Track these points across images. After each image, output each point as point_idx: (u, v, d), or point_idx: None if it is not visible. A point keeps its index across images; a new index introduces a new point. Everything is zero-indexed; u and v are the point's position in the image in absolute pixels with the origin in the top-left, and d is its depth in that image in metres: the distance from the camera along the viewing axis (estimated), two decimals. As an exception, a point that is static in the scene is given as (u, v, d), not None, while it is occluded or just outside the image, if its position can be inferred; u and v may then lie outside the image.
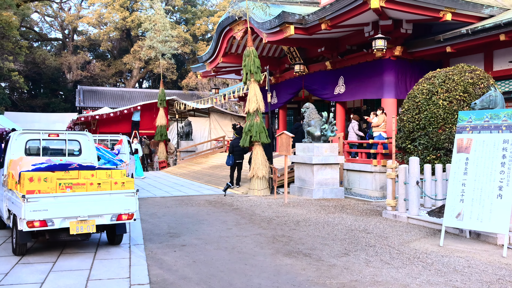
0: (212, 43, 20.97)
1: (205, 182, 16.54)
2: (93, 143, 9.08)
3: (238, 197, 12.85)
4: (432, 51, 15.03)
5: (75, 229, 6.43)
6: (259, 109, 13.10)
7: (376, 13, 13.55)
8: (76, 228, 6.44)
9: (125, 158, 14.48)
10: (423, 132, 11.18)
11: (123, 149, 14.67)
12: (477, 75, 11.10)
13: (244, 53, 13.42)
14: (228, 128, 25.85)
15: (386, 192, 13.35)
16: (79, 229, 6.45)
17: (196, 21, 50.21)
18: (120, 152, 14.46)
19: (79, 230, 6.45)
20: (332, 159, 12.70)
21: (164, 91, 23.05)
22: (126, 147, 14.77)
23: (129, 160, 14.59)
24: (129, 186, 6.91)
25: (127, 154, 14.65)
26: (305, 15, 15.12)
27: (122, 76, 52.35)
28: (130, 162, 14.91)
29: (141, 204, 11.64)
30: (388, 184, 9.67)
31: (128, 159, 14.59)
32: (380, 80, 15.58)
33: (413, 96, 11.60)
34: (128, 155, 14.82)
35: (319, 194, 12.52)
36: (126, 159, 14.45)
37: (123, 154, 14.56)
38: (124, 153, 14.60)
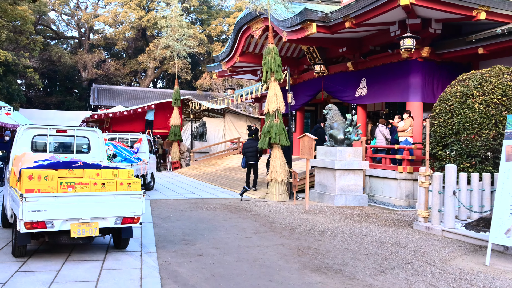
0: (229, 42, 20.37)
1: (220, 185, 15.90)
2: (102, 140, 8.69)
3: (255, 201, 12.18)
4: (462, 53, 14.24)
5: (76, 232, 5.98)
6: (279, 110, 12.43)
7: (405, 11, 12.82)
8: (77, 230, 5.98)
9: (144, 156, 14.22)
10: (456, 138, 10.41)
11: (142, 148, 14.41)
12: (517, 77, 10.31)
13: (264, 50, 12.77)
14: (243, 130, 25.21)
15: (411, 201, 12.61)
16: (80, 232, 6.00)
17: (212, 21, 49.75)
18: (139, 151, 14.26)
19: (80, 233, 6.00)
20: (356, 164, 11.98)
21: (179, 90, 22.47)
22: (145, 145, 14.56)
23: (148, 159, 14.37)
24: (136, 187, 6.45)
25: (146, 153, 14.38)
26: (328, 12, 14.43)
27: (136, 75, 52.08)
28: (150, 160, 14.67)
29: (154, 206, 11.04)
30: (420, 193, 8.94)
31: (147, 158, 14.34)
32: (405, 82, 14.82)
33: (446, 99, 10.84)
34: (148, 154, 14.57)
35: (341, 201, 11.80)
36: (145, 157, 14.20)
37: (143, 152, 14.32)
38: (143, 152, 14.34)
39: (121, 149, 13.30)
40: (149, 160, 14.59)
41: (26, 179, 5.97)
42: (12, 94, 33.08)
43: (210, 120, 24.58)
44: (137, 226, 8.21)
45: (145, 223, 8.79)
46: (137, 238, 7.45)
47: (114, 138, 14.85)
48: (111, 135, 15.23)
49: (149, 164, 14.54)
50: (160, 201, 12.10)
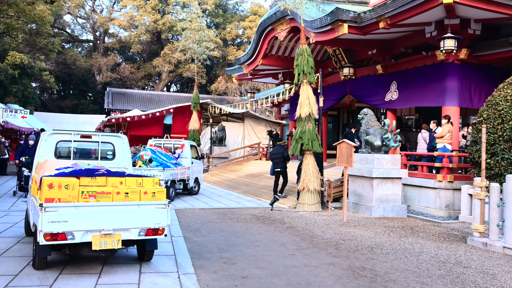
0: (251, 44, 19.73)
1: (244, 193, 15.22)
2: (127, 146, 8.33)
3: (287, 212, 11.47)
4: (501, 55, 13.47)
5: (98, 244, 5.60)
6: (311, 114, 11.73)
7: (446, 10, 12.08)
8: (99, 243, 5.61)
9: (186, 162, 14.35)
10: (507, 145, 9.64)
11: (184, 153, 14.58)
12: None
13: (296, 51, 12.11)
14: (262, 134, 24.53)
15: (452, 212, 11.84)
16: (102, 244, 5.62)
17: (227, 25, 49.30)
18: (180, 156, 14.41)
19: (102, 245, 5.62)
20: (394, 173, 11.24)
21: (198, 94, 21.87)
22: (188, 151, 14.71)
23: (190, 164, 14.53)
24: (161, 196, 6.10)
25: (189, 158, 14.49)
26: (360, 12, 13.73)
27: (151, 79, 51.71)
28: (193, 166, 14.85)
29: (180, 217, 10.39)
30: (476, 206, 8.17)
31: (189, 163, 14.48)
32: (441, 86, 14.05)
33: (494, 104, 10.08)
34: (190, 159, 14.67)
35: (379, 212, 11.06)
36: (187, 163, 14.33)
37: (185, 158, 14.48)
38: (185, 157, 14.51)
39: (159, 154, 13.30)
40: (192, 166, 14.71)
41: (46, 188, 5.59)
42: (27, 97, 32.80)
43: (229, 125, 23.95)
44: (167, 241, 7.63)
45: (175, 236, 8.14)
46: (170, 256, 6.79)
47: (160, 145, 15.22)
48: (157, 141, 15.64)
49: (193, 169, 14.70)
50: (185, 210, 11.45)
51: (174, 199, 13.47)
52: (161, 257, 6.63)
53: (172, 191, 13.13)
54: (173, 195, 13.30)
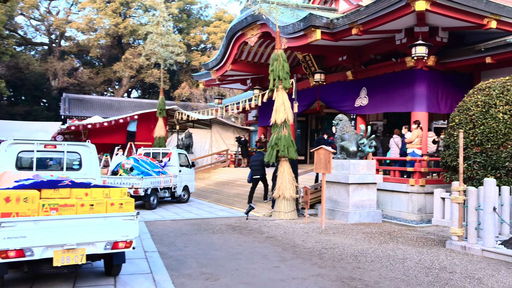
0: (220, 49, 19.53)
1: (215, 201, 14.96)
2: (95, 155, 8.15)
3: (263, 220, 11.31)
4: (466, 62, 13.84)
5: (60, 260, 5.33)
6: (287, 120, 11.64)
7: (417, 18, 12.30)
8: (61, 258, 5.34)
9: (174, 170, 14.57)
10: (479, 150, 9.85)
11: (171, 162, 14.78)
12: (540, 86, 9.84)
13: (271, 56, 12.00)
14: (230, 141, 24.31)
15: (424, 215, 12.01)
16: (64, 260, 5.36)
17: (191, 30, 48.85)
18: (167, 165, 14.58)
19: (64, 261, 5.35)
20: (369, 178, 11.29)
21: (164, 100, 21.43)
22: (175, 159, 14.89)
23: (178, 173, 14.74)
24: (128, 207, 5.87)
25: (176, 167, 14.69)
26: (333, 18, 13.80)
27: (111, 84, 50.50)
28: (181, 174, 15.01)
29: (151, 229, 10.02)
30: (454, 210, 8.27)
31: (176, 171, 14.70)
32: (410, 92, 14.29)
33: (466, 109, 10.31)
34: (177, 167, 14.85)
35: (355, 218, 11.07)
36: (173, 171, 14.54)
37: (172, 166, 14.67)
38: (172, 165, 14.70)
39: (142, 163, 13.45)
40: (180, 174, 14.90)
41: (3, 202, 5.25)
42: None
43: (196, 132, 23.60)
44: (140, 257, 7.33)
45: (149, 252, 7.80)
46: (146, 274, 6.43)
47: (148, 154, 15.52)
48: (146, 150, 15.97)
49: (181, 177, 14.89)
50: (156, 222, 11.08)
51: (157, 207, 13.65)
52: (137, 276, 6.28)
53: (153, 199, 13.29)
54: (155, 203, 13.43)
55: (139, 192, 12.60)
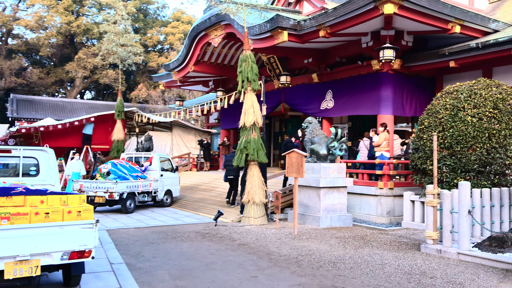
0: (182, 49, 19.05)
1: (179, 207, 14.49)
2: (54, 160, 7.97)
3: (232, 227, 10.96)
4: (429, 66, 14.05)
5: (12, 272, 4.99)
6: (256, 123, 11.37)
7: (385, 21, 12.34)
8: (13, 271, 5.00)
9: (154, 174, 14.79)
10: (448, 152, 9.92)
11: (152, 166, 15.02)
12: (504, 90, 10.05)
13: (240, 57, 11.71)
14: (192, 144, 23.79)
15: (393, 218, 12.05)
16: (17, 272, 5.02)
17: (148, 30, 47.81)
18: (147, 169, 14.86)
19: (17, 273, 5.02)
20: (340, 182, 11.18)
21: (123, 101, 20.69)
22: (156, 164, 15.13)
23: (159, 177, 14.97)
24: (87, 215, 5.57)
25: (157, 171, 14.92)
26: (300, 20, 13.66)
27: (63, 85, 48.64)
28: (163, 178, 15.21)
29: (115, 238, 9.48)
30: (429, 213, 8.24)
31: (158, 176, 14.92)
32: (376, 95, 14.36)
33: (435, 112, 10.37)
34: (159, 172, 15.07)
35: (326, 222, 10.92)
36: (154, 175, 14.77)
37: (153, 170, 14.91)
38: (154, 170, 14.94)
39: (120, 167, 13.62)
40: (162, 178, 15.09)
41: None
42: None
43: (156, 134, 22.91)
44: (107, 270, 6.89)
45: (116, 264, 7.32)
46: (117, 290, 6.00)
47: (131, 158, 15.80)
48: (128, 154, 16.39)
49: (162, 181, 15.06)
50: (119, 231, 10.52)
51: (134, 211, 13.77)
52: (106, 293, 5.84)
53: (130, 203, 13.48)
54: (132, 207, 13.58)
55: (114, 196, 12.80)
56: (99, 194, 12.97)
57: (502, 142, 9.53)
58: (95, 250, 5.54)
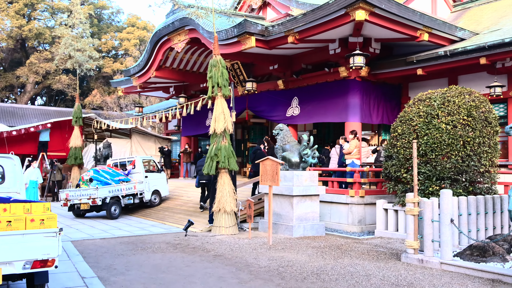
0: (143, 54, 18.42)
1: (143, 216, 13.86)
2: (20, 168, 7.87)
3: (203, 237, 10.49)
4: (397, 74, 14.12)
5: None
6: (227, 130, 10.97)
7: (354, 28, 12.28)
8: None
9: (138, 177, 15.02)
10: (423, 160, 9.88)
11: (136, 169, 15.28)
12: (477, 97, 10.10)
13: (210, 62, 11.28)
14: (151, 151, 23.05)
15: (364, 227, 11.91)
16: None
17: (102, 36, 46.44)
18: (131, 172, 15.07)
19: None
20: (312, 190, 10.94)
21: (81, 107, 19.78)
22: (139, 166, 15.40)
23: (144, 178, 15.22)
24: (51, 223, 5.42)
25: (141, 173, 15.16)
26: (268, 26, 13.43)
27: (13, 90, 46.45)
28: (148, 179, 15.44)
29: (82, 250, 8.87)
30: (409, 222, 8.09)
31: (142, 177, 15.18)
32: (344, 102, 14.30)
33: (408, 119, 10.31)
34: (143, 174, 15.32)
35: (299, 232, 10.64)
36: (139, 178, 15.00)
37: (137, 173, 15.14)
38: (137, 172, 15.20)
39: (102, 173, 13.92)
40: (147, 179, 15.38)
41: None
42: None
43: (115, 141, 22.05)
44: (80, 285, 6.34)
45: (88, 278, 6.76)
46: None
47: (116, 164, 16.09)
48: (114, 161, 16.62)
49: (148, 182, 15.37)
50: (84, 242, 9.87)
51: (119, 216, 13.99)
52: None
53: (115, 208, 13.77)
54: (117, 212, 13.86)
55: (97, 202, 13.19)
56: (83, 201, 13.34)
57: (476, 149, 9.56)
58: (58, 259, 5.36)
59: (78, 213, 14.06)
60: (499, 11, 15.10)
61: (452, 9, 17.65)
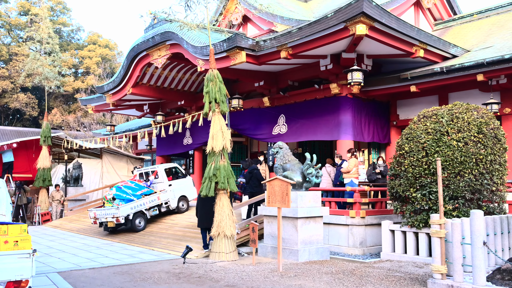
0: (119, 70, 17.48)
1: (127, 242, 12.82)
2: (5, 190, 7.99)
3: (203, 264, 9.64)
4: (387, 91, 13.94)
5: None
6: (225, 148, 10.28)
7: (352, 43, 11.97)
8: None
9: (162, 186, 15.10)
10: (433, 179, 9.51)
11: (159, 179, 15.44)
12: (485, 114, 9.89)
13: (206, 76, 10.60)
14: (123, 172, 21.88)
15: (366, 249, 11.41)
16: None
17: (62, 53, 44.74)
18: (153, 183, 15.22)
19: None
20: (316, 211, 10.35)
21: (49, 126, 18.53)
22: (162, 175, 15.55)
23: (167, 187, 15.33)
24: (24, 245, 5.66)
25: (164, 182, 15.18)
26: (259, 40, 12.95)
27: (-36, 109, 43.82)
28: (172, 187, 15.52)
29: (74, 283, 7.87)
30: (436, 245, 7.61)
31: (166, 186, 15.30)
32: (335, 120, 13.92)
33: (415, 136, 9.94)
34: (166, 183, 15.47)
35: (305, 256, 9.99)
36: (163, 187, 15.10)
37: (160, 182, 15.25)
38: (160, 182, 15.30)
39: (124, 189, 14.10)
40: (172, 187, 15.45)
41: None
42: None
43: (85, 162, 20.78)
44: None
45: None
46: None
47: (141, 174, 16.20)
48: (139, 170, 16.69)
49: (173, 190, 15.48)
50: (73, 273, 8.84)
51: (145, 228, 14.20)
52: None
53: (139, 221, 14.06)
54: (142, 225, 14.17)
55: (120, 220, 13.47)
56: (108, 219, 13.70)
57: (488, 167, 9.27)
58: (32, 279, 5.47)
59: (108, 230, 14.29)
60: (483, 30, 15.25)
61: (433, 27, 17.80)
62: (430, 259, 9.57)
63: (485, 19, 16.00)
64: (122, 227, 14.02)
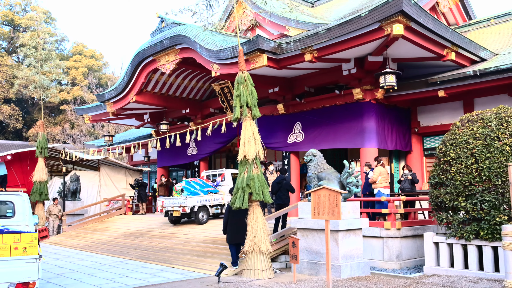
0: (122, 77, 16.60)
1: (142, 259, 11.82)
2: (28, 203, 8.80)
3: (240, 283, 8.75)
4: (411, 96, 13.40)
5: None
6: (258, 156, 9.46)
7: (384, 44, 11.34)
8: None
9: (226, 188, 15.27)
10: (485, 186, 8.87)
11: (225, 181, 15.88)
12: (532, 117, 9.33)
13: (236, 79, 9.79)
14: (121, 184, 20.78)
15: (402, 263, 10.66)
16: None
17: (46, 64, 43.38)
18: (219, 184, 15.79)
19: None
20: (356, 223, 9.60)
21: (46, 137, 17.44)
22: (228, 179, 15.99)
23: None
24: (32, 251, 6.27)
25: (229, 185, 15.30)
26: (281, 42, 12.26)
27: None
28: None
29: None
30: (509, 259, 6.93)
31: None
32: (358, 127, 13.28)
33: (462, 142, 9.32)
34: (232, 185, 15.20)
35: (347, 272, 9.20)
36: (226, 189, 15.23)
37: (226, 185, 15.65)
38: (226, 184, 15.75)
39: (193, 184, 14.93)
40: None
41: None
42: None
43: (82, 174, 19.67)
44: None
45: None
46: None
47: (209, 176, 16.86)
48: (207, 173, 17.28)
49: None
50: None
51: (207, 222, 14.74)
52: None
53: (202, 215, 14.70)
54: (205, 218, 14.76)
55: (186, 210, 14.20)
56: (175, 208, 14.44)
57: (544, 173, 8.68)
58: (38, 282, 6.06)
59: (172, 219, 14.96)
60: (505, 34, 14.86)
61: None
62: (482, 273, 8.92)
63: (503, 24, 15.63)
64: (185, 219, 14.89)
